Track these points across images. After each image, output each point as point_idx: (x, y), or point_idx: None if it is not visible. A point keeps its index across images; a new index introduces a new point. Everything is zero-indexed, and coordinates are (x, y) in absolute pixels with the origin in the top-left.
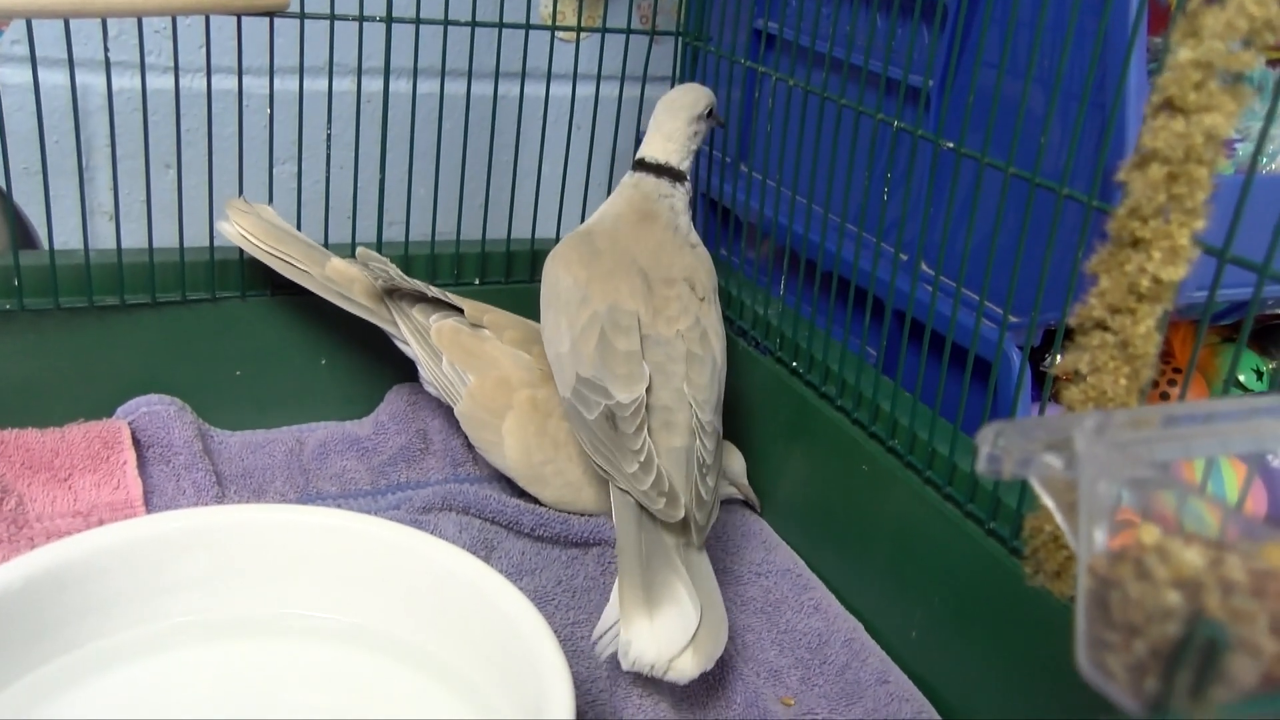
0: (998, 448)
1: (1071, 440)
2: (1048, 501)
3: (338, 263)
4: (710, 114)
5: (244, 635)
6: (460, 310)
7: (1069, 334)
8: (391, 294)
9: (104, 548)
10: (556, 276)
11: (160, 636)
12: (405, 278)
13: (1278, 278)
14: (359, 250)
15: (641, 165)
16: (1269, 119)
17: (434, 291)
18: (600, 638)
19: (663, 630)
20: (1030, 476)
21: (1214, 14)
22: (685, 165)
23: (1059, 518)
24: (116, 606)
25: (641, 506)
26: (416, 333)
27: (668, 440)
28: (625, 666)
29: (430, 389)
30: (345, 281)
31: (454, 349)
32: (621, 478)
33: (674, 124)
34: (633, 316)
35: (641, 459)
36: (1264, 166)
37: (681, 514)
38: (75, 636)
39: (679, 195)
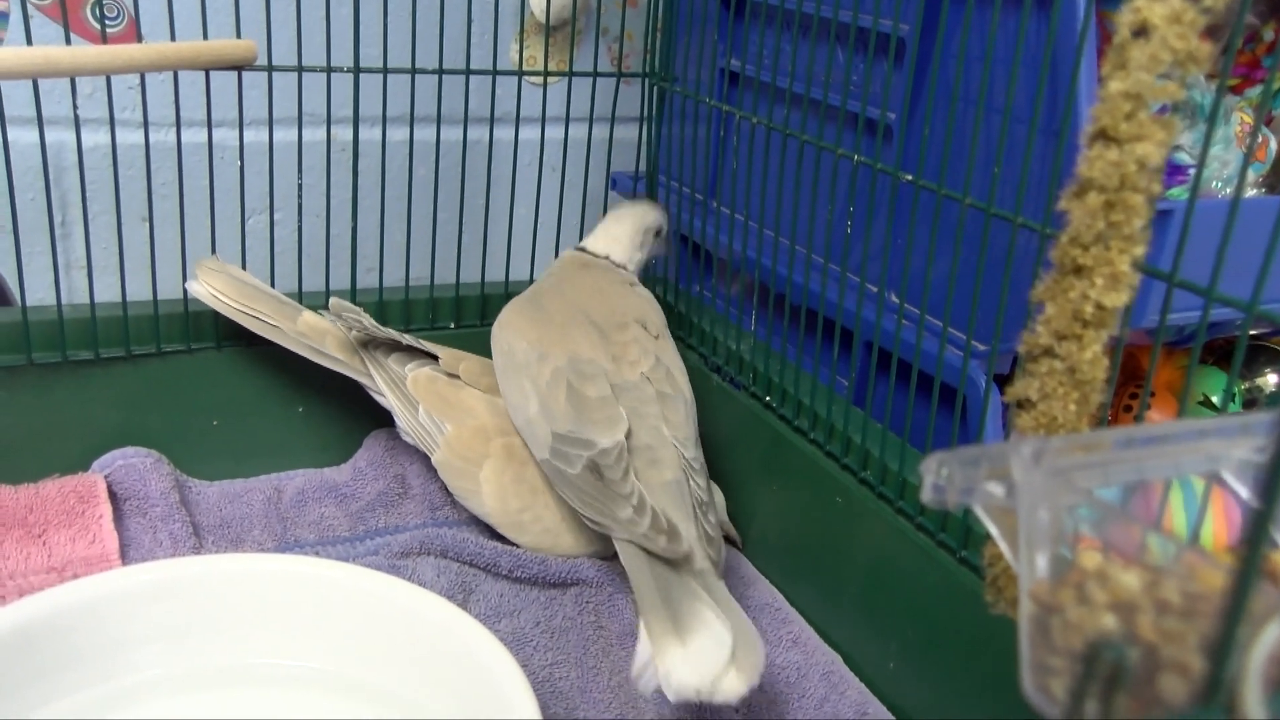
0: (941, 478)
1: (1010, 468)
2: (992, 529)
3: (309, 317)
4: (659, 233)
5: (214, 687)
6: (435, 358)
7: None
8: (366, 345)
9: (68, 605)
10: (509, 344)
11: (128, 692)
12: (379, 327)
13: (1224, 300)
14: (332, 300)
15: (582, 250)
16: (1207, 142)
17: (408, 340)
18: (640, 675)
19: (698, 654)
20: (974, 505)
21: (1140, 47)
22: (630, 267)
23: (1003, 545)
24: (82, 663)
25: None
26: (392, 383)
27: (658, 476)
28: (672, 698)
29: (407, 438)
30: (317, 336)
31: (430, 398)
32: (618, 526)
33: (620, 228)
34: (596, 365)
35: (634, 502)
36: (1220, 190)
37: (685, 548)
38: (40, 696)
39: (621, 270)
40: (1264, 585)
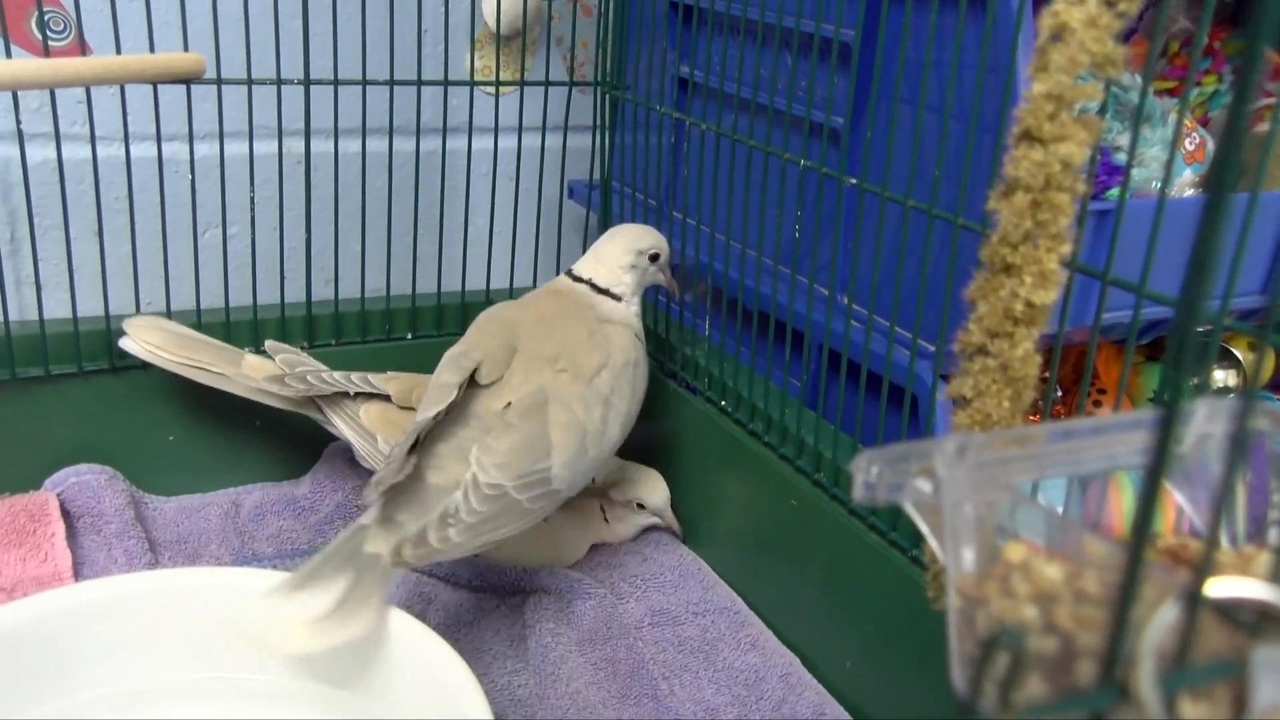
0: (871, 475)
1: (934, 464)
2: (921, 526)
3: (253, 360)
4: (657, 258)
5: (167, 702)
6: (387, 396)
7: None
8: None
9: (16, 623)
10: None
11: (79, 709)
12: (324, 378)
13: (1154, 297)
14: (268, 344)
15: (568, 274)
16: (1134, 142)
17: (355, 386)
18: None
19: (294, 605)
20: (904, 502)
21: (1059, 49)
22: (617, 289)
23: (932, 541)
24: (32, 681)
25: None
26: (347, 420)
27: (432, 478)
28: None
29: (367, 465)
30: (264, 380)
31: (386, 427)
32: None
33: (609, 247)
34: (470, 359)
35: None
36: (1155, 188)
37: (373, 496)
38: None
39: (603, 301)
40: (1164, 569)
